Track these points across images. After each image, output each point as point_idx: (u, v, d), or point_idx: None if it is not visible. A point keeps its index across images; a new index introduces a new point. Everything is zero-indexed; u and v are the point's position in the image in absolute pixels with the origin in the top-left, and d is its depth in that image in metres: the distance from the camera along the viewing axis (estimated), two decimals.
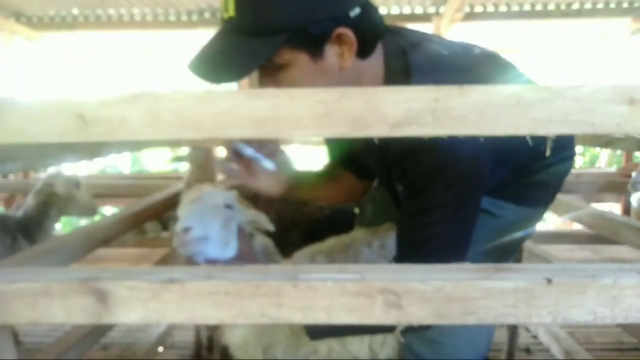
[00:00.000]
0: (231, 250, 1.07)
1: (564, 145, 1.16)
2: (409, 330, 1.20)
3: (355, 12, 0.94)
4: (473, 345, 1.23)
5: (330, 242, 1.36)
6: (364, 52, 0.99)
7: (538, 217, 1.26)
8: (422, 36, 1.11)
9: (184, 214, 1.05)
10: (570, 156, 1.20)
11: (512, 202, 1.15)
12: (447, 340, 1.19)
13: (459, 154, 0.94)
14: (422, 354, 1.22)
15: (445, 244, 1.01)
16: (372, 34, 0.99)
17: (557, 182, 1.21)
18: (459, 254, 1.00)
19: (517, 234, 1.24)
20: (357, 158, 1.31)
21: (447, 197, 0.98)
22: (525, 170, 1.12)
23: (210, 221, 1.03)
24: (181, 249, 1.01)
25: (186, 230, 0.99)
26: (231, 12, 0.91)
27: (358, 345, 1.26)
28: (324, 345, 1.24)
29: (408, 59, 1.01)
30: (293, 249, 1.39)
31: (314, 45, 0.93)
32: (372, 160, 1.23)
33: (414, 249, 1.04)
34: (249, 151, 1.13)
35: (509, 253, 1.29)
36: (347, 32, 0.93)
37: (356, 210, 1.64)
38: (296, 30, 0.89)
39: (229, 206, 1.11)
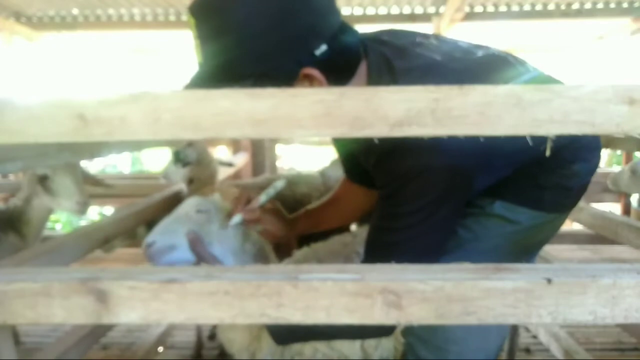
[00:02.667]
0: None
1: (586, 146, 1.10)
2: (412, 334, 1.20)
3: (322, 49, 0.93)
4: (480, 352, 1.19)
5: (331, 241, 1.37)
6: (339, 80, 0.97)
7: (558, 222, 1.19)
8: (415, 41, 1.07)
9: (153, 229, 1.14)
10: (592, 157, 1.12)
11: (527, 207, 1.10)
12: (452, 348, 1.16)
13: (433, 162, 0.93)
14: (425, 358, 1.19)
15: (412, 251, 0.99)
16: (345, 63, 0.99)
17: (579, 184, 1.13)
18: (426, 261, 0.97)
19: (535, 240, 1.20)
20: (362, 167, 1.28)
21: (417, 205, 0.97)
22: (536, 171, 1.07)
23: (177, 230, 1.11)
24: (149, 262, 1.07)
25: (149, 245, 1.08)
26: (200, 58, 0.95)
27: (349, 346, 1.26)
28: (308, 347, 1.25)
29: (394, 69, 0.99)
30: (290, 248, 1.41)
31: (282, 86, 0.94)
32: (363, 161, 1.21)
33: (379, 251, 1.03)
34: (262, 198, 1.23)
35: (528, 260, 1.23)
36: (313, 72, 0.93)
37: None
38: (260, 75, 0.91)
39: (201, 211, 1.16)
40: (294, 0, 0.91)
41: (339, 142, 1.36)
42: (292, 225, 1.36)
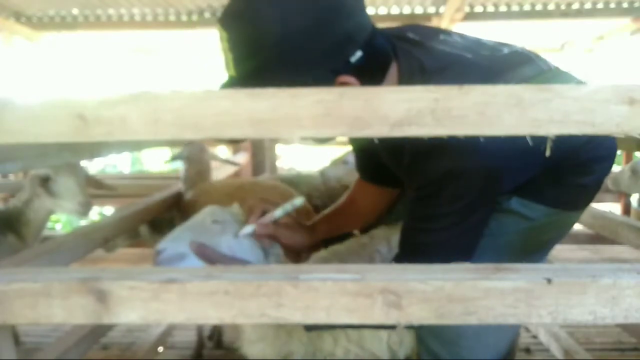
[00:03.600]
0: None
1: (601, 144, 1.09)
2: (425, 329, 1.20)
3: (357, 56, 0.92)
4: (492, 349, 1.19)
5: (348, 243, 1.36)
6: (372, 84, 0.96)
7: (572, 220, 1.20)
8: (440, 39, 1.06)
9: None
10: (608, 155, 1.12)
11: (544, 204, 1.10)
12: (464, 342, 1.16)
13: (472, 164, 0.92)
14: (439, 354, 1.20)
15: (448, 251, 1.00)
16: (378, 67, 0.98)
17: (594, 183, 1.13)
18: (461, 261, 0.97)
19: (550, 237, 1.20)
20: (380, 165, 1.27)
21: (455, 207, 0.97)
22: (555, 170, 1.06)
23: (188, 238, 1.09)
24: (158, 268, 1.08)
25: (158, 252, 1.07)
26: (232, 71, 0.93)
27: (378, 345, 1.26)
28: (340, 348, 1.25)
29: (425, 69, 0.98)
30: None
31: None
32: (390, 161, 1.21)
33: (414, 252, 1.03)
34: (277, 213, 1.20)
35: (540, 257, 1.25)
36: (349, 79, 0.93)
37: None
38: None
39: (217, 222, 1.17)
40: (329, 9, 0.90)
41: (357, 139, 1.34)
42: (311, 232, 1.34)
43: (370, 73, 0.96)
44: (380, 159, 1.23)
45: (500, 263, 0.74)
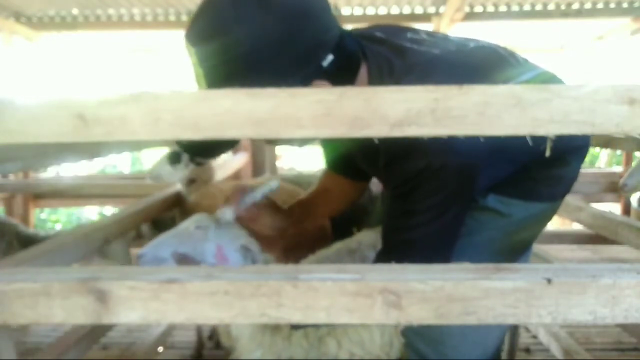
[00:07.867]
0: None
1: (575, 135, 1.12)
2: (411, 329, 1.20)
3: (328, 60, 0.93)
4: (478, 347, 1.20)
5: (336, 247, 1.37)
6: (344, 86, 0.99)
7: (551, 212, 1.22)
8: (407, 37, 1.08)
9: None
10: (583, 146, 1.15)
11: (520, 198, 1.12)
12: (449, 341, 1.17)
13: (448, 161, 0.94)
14: (424, 353, 1.21)
15: (427, 248, 1.01)
16: (349, 69, 0.99)
17: (570, 173, 1.16)
18: (441, 258, 0.97)
19: (529, 231, 1.21)
20: (351, 160, 1.30)
21: (431, 202, 0.98)
22: (531, 165, 1.09)
23: (170, 244, 1.12)
24: None
25: (139, 257, 1.11)
26: (203, 86, 0.93)
27: (379, 346, 1.26)
28: (343, 351, 1.25)
29: (394, 68, 1.00)
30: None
31: None
32: (366, 164, 1.23)
33: (395, 251, 1.04)
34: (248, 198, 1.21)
35: (523, 251, 1.26)
36: (323, 84, 0.93)
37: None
38: None
39: (200, 228, 1.18)
40: (297, 17, 0.90)
41: (329, 140, 1.37)
42: (288, 215, 1.37)
43: (342, 75, 0.96)
44: (353, 157, 1.24)
45: (483, 263, 0.74)
